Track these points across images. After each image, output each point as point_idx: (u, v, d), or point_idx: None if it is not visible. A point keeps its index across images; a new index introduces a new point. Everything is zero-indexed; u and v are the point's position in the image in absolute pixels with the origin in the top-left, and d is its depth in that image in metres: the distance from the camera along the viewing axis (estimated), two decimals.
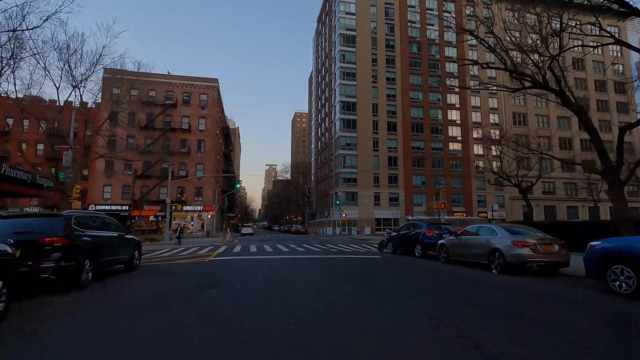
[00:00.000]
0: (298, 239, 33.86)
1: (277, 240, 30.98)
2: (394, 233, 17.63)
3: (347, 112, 56.20)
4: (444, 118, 59.87)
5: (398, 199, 56.61)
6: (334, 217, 56.18)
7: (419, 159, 58.21)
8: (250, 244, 24.77)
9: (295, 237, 40.54)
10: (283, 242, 28.37)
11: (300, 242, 27.99)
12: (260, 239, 34.42)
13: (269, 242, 28.60)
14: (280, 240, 30.80)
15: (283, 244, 24.38)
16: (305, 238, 37.60)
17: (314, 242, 26.74)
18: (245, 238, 38.79)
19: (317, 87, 76.27)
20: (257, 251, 18.37)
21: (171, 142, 49.61)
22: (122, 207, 46.00)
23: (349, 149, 55.48)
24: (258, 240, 30.79)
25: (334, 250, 19.24)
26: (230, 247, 21.49)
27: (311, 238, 37.15)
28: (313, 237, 40.17)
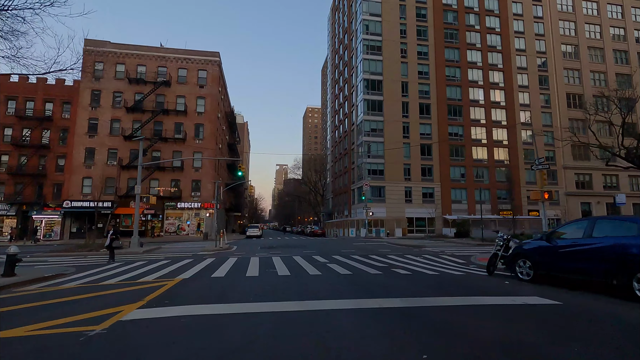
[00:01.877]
0: (319, 244, 25.24)
1: (292, 247, 22.41)
2: (537, 239, 8.73)
3: (371, 92, 47.43)
4: (486, 99, 50.54)
5: (433, 194, 47.52)
6: (356, 216, 47.43)
7: (457, 147, 49.00)
8: (252, 255, 16.33)
9: (314, 241, 31.92)
10: (301, 249, 19.84)
11: (326, 249, 19.44)
12: (269, 244, 25.89)
13: (280, 249, 20.09)
14: (297, 247, 22.20)
15: (303, 255, 15.84)
16: (328, 243, 28.93)
17: (349, 251, 18.11)
18: (250, 242, 30.31)
19: (333, 70, 67.68)
20: (260, 274, 9.83)
21: (164, 126, 41.68)
22: (104, 204, 38.18)
23: (374, 135, 46.68)
24: (265, 247, 22.26)
25: (406, 271, 10.51)
26: (218, 262, 13.03)
27: (337, 243, 28.43)
28: (337, 241, 31.44)
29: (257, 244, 27.26)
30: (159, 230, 40.17)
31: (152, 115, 40.63)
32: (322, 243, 27.46)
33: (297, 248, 20.93)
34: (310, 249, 20.19)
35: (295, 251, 18.32)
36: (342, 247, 22.11)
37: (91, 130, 40.31)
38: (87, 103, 40.42)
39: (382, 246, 22.30)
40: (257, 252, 18.16)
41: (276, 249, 20.50)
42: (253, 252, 18.17)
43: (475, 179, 48.71)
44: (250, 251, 18.65)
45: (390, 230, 43.28)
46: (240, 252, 17.92)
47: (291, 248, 20.94)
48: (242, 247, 23.02)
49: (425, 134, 48.41)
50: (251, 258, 14.56)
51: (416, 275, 9.60)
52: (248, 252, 18.24)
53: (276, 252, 17.92)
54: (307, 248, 20.82)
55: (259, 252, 18.15)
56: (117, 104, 41.15)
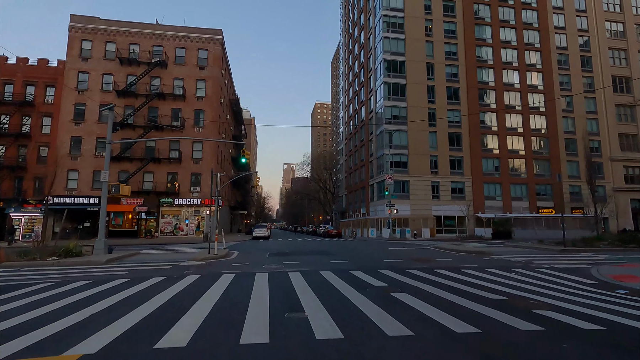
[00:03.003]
0: (344, 249, 19.97)
1: (311, 253, 17.20)
2: None
3: (393, 75, 42.01)
4: (522, 82, 44.74)
5: (463, 189, 41.94)
6: (376, 214, 42.11)
7: (490, 137, 43.33)
8: (257, 268, 11.19)
9: (333, 244, 26.69)
10: (324, 256, 14.67)
11: (358, 257, 14.25)
12: (280, 249, 20.67)
13: (297, 257, 14.91)
14: (318, 253, 16.98)
15: (334, 269, 10.63)
16: (353, 246, 23.67)
17: (395, 261, 12.87)
18: (257, 245, 25.09)
19: (347, 56, 62.25)
20: (272, 332, 4.57)
21: (159, 112, 36.87)
22: (91, 200, 33.51)
23: (396, 123, 41.26)
24: (276, 254, 17.04)
25: (587, 323, 5.15)
26: (198, 288, 7.86)
27: (364, 246, 23.13)
28: (363, 244, 26.11)
29: (264, 247, 22.09)
30: (154, 230, 35.35)
31: (146, 100, 35.81)
32: (346, 247, 22.17)
33: (318, 255, 15.75)
34: (337, 256, 14.99)
35: (318, 261, 13.15)
36: (376, 252, 16.87)
37: (77, 116, 35.64)
38: (73, 86, 35.75)
39: (431, 252, 16.96)
40: (264, 262, 13.03)
41: (290, 256, 15.33)
42: (259, 262, 13.02)
43: (511, 173, 43.00)
44: (256, 261, 13.50)
45: (417, 230, 37.87)
46: (240, 262, 12.79)
47: (310, 255, 15.76)
48: (245, 252, 17.91)
49: (453, 121, 42.83)
50: (256, 276, 9.39)
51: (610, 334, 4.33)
52: (252, 262, 13.10)
53: (292, 262, 12.74)
54: (331, 255, 15.63)
55: (268, 262, 13.00)
56: (107, 87, 36.41)
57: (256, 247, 21.98)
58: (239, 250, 19.47)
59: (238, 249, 20.67)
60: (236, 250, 18.55)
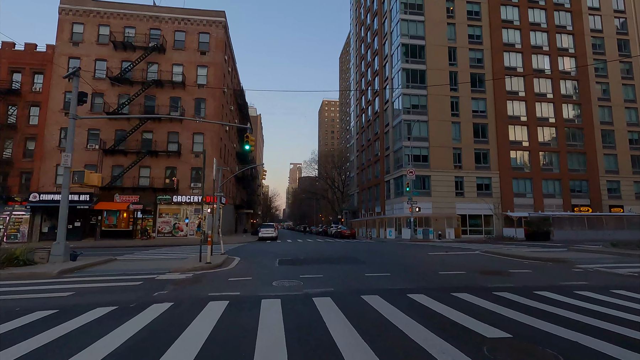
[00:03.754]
0: (375, 255, 16.32)
1: (334, 261, 13.56)
2: None
3: (411, 60, 38.30)
4: (554, 68, 40.70)
5: (490, 185, 38.06)
6: (393, 212, 38.43)
7: (519, 128, 39.37)
8: (264, 288, 7.61)
9: (355, 247, 23.09)
10: (355, 266, 11.14)
11: (402, 267, 10.71)
12: (293, 254, 17.08)
13: (318, 266, 11.34)
14: (344, 262, 13.36)
15: (384, 294, 7.08)
16: (377, 249, 20.05)
17: (456, 273, 9.30)
18: (263, 249, 21.37)
19: (358, 45, 58.50)
20: None
21: (157, 101, 33.66)
22: (82, 197, 30.40)
23: (415, 113, 37.52)
24: (289, 262, 13.43)
25: None
26: (158, 338, 4.41)
27: (395, 251, 19.54)
28: (390, 248, 22.46)
29: (273, 251, 18.56)
30: (150, 231, 32.16)
31: (142, 88, 32.62)
32: (371, 250, 18.51)
33: (344, 263, 12.17)
34: (369, 265, 11.42)
35: (347, 272, 9.63)
36: (417, 260, 13.28)
37: (68, 106, 32.54)
38: (63, 73, 32.67)
39: (488, 260, 13.29)
40: (274, 274, 9.52)
41: (308, 264, 11.80)
42: (266, 275, 9.49)
43: (543, 167, 38.99)
44: (262, 273, 9.94)
45: (440, 230, 34.10)
46: (241, 276, 9.25)
47: (334, 263, 12.16)
48: (249, 258, 14.42)
49: (478, 111, 38.97)
50: (262, 305, 5.88)
51: None
52: (257, 274, 9.57)
53: (313, 275, 9.21)
54: (360, 263, 12.06)
55: (279, 274, 9.48)
56: (100, 74, 33.32)
57: (263, 251, 18.48)
58: (241, 255, 16.02)
59: (241, 253, 17.25)
60: (238, 256, 15.07)
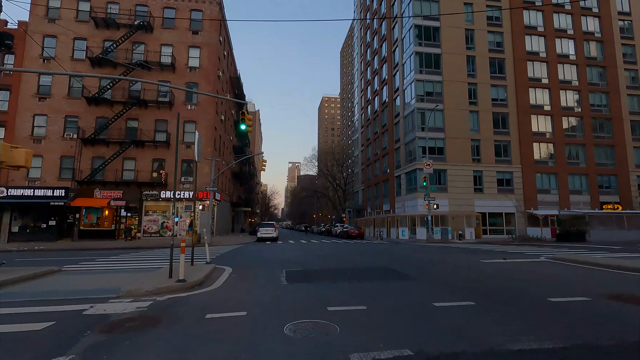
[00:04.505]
0: (407, 260, 12.81)
1: (363, 275, 9.87)
2: None
3: (425, 44, 34.87)
4: (579, 53, 37.37)
5: (511, 181, 34.71)
6: (404, 210, 35.00)
7: (543, 118, 36.04)
8: (265, 339, 4.19)
9: (372, 250, 19.58)
10: (407, 282, 7.70)
11: (488, 289, 7.23)
12: (302, 262, 13.47)
13: (346, 285, 7.82)
14: (382, 275, 9.80)
15: None
16: (406, 254, 16.44)
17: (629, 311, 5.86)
18: (262, 254, 17.20)
19: (364, 32, 54.81)
20: None
21: (142, 85, 30.12)
22: (57, 192, 26.82)
23: (429, 101, 34.09)
24: (300, 273, 9.88)
25: None
26: None
27: (430, 255, 15.91)
28: (414, 250, 18.73)
29: (275, 257, 14.88)
30: (135, 230, 28.61)
31: (126, 70, 29.07)
32: (404, 257, 14.53)
33: (385, 280, 8.44)
34: (429, 286, 7.78)
35: (405, 301, 6.21)
36: (479, 273, 9.83)
37: (42, 90, 29.01)
38: (37, 53, 29.13)
39: (572, 272, 9.78)
40: (283, 308, 5.68)
41: (331, 281, 8.25)
42: (271, 311, 5.60)
43: (569, 161, 35.67)
44: (263, 305, 6.00)
45: (458, 229, 30.70)
46: (226, 314, 5.21)
47: (370, 281, 8.29)
48: (243, 270, 10.71)
49: (498, 99, 35.61)
50: None
51: None
52: (255, 310, 5.66)
53: (352, 311, 5.59)
54: (408, 279, 8.58)
55: (293, 309, 5.71)
56: (79, 55, 29.71)
57: (262, 257, 14.90)
58: (235, 262, 12.50)
59: (235, 259, 13.74)
60: (229, 265, 11.49)
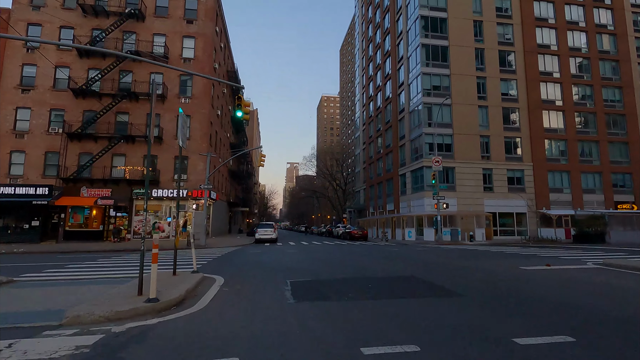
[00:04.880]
0: (437, 267, 11.02)
1: (387, 283, 8.17)
2: None
3: (432, 35, 33.26)
4: (591, 47, 35.84)
5: (522, 179, 33.11)
6: (410, 210, 33.33)
7: (554, 113, 34.48)
8: None
9: (386, 253, 17.82)
10: (449, 300, 5.93)
11: (570, 315, 5.59)
12: (309, 270, 11.51)
13: (371, 303, 6.05)
14: (410, 289, 8.01)
15: None
16: (428, 259, 14.45)
17: None
18: (262, 256, 15.66)
19: (366, 26, 53.15)
20: None
21: (134, 77, 28.40)
22: (40, 191, 25.02)
23: (436, 95, 32.47)
24: (308, 285, 7.92)
25: None
26: None
27: (460, 259, 14.10)
28: (436, 256, 16.96)
29: (276, 263, 12.35)
30: (124, 231, 26.80)
31: (116, 61, 27.28)
32: (428, 264, 12.16)
33: (426, 298, 6.42)
34: (489, 307, 5.86)
35: (474, 337, 4.45)
36: (535, 284, 8.09)
37: (26, 82, 27.20)
38: (20, 42, 27.32)
39: (632, 280, 8.20)
40: (290, 339, 4.04)
41: (352, 300, 6.29)
42: (275, 344, 3.92)
43: (581, 159, 34.10)
44: (265, 344, 3.92)
45: (468, 230, 29.03)
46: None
47: (406, 299, 6.32)
48: (237, 281, 8.51)
49: (508, 94, 34.03)
50: None
51: None
52: (247, 342, 3.94)
53: (399, 354, 3.82)
54: (456, 295, 6.79)
55: (311, 352, 3.68)
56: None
57: (261, 262, 13.02)
58: (228, 270, 10.62)
59: (229, 266, 11.90)
60: (221, 274, 9.44)
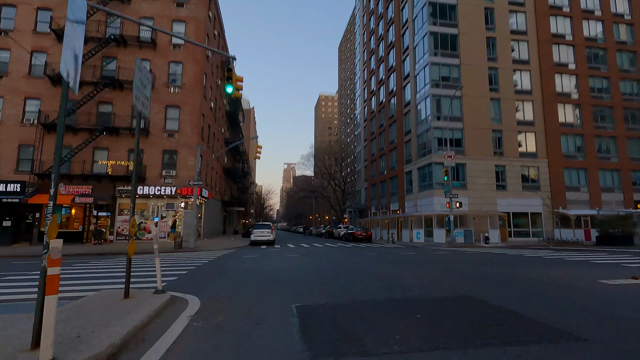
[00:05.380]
0: (592, 301, 8.59)
1: (445, 314, 5.78)
2: None
3: (440, 22, 31.13)
4: (608, 37, 33.87)
5: (537, 177, 31.00)
6: (416, 210, 31.10)
7: (570, 107, 32.44)
8: None
9: (410, 258, 15.50)
10: None
11: None
12: (327, 288, 7.75)
13: None
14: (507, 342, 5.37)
15: None
16: (532, 279, 11.97)
17: None
18: (256, 263, 12.95)
19: (368, 17, 50.86)
20: None
21: (118, 63, 25.96)
22: (10, 187, 22.55)
23: (446, 87, 30.32)
24: (326, 325, 4.63)
25: None
26: None
27: (544, 275, 11.77)
28: (474, 263, 14.28)
29: (274, 276, 9.09)
30: (106, 233, 24.35)
31: (99, 45, 24.85)
32: (479, 274, 9.16)
33: (543, 352, 4.20)
34: None
35: None
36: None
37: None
38: None
39: None
40: None
41: (415, 357, 4.05)
42: None
43: (599, 155, 32.06)
44: None
45: (481, 232, 26.82)
46: None
47: (491, 346, 3.50)
48: (217, 305, 5.77)
49: (521, 86, 31.94)
50: None
51: None
52: None
53: None
54: (571, 337, 4.34)
55: None
56: (43, 27, 25.46)
57: (255, 271, 10.17)
58: (211, 284, 7.85)
59: (213, 276, 9.28)
60: (197, 294, 6.55)
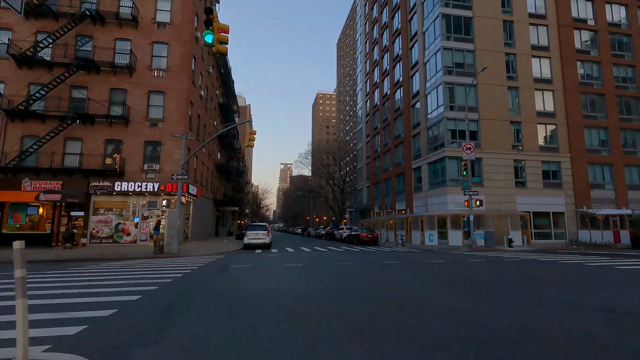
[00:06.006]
0: None
1: None
2: None
3: (453, 4, 28.42)
4: (632, 21, 31.34)
5: (559, 173, 28.35)
6: (427, 210, 28.29)
7: (594, 97, 29.85)
8: None
9: (442, 269, 12.55)
10: None
11: None
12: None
13: None
14: None
15: None
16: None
17: None
18: (246, 279, 9.07)
19: (370, 7, 48.26)
20: None
21: (94, 43, 22.92)
22: None
23: (459, 74, 27.59)
24: None
25: None
26: None
27: None
28: (564, 282, 11.42)
29: (267, 301, 5.92)
30: (80, 234, 21.33)
31: (71, 22, 21.81)
32: (566, 302, 7.71)
33: None
34: None
35: None
36: None
37: None
38: None
39: None
40: None
41: None
42: None
43: (624, 150, 29.49)
44: None
45: (500, 233, 24.07)
46: None
47: None
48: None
49: (541, 74, 29.30)
50: None
51: None
52: None
53: None
54: None
55: None
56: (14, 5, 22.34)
57: (239, 299, 6.52)
58: (167, 321, 4.67)
59: (175, 309, 5.65)
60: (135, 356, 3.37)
